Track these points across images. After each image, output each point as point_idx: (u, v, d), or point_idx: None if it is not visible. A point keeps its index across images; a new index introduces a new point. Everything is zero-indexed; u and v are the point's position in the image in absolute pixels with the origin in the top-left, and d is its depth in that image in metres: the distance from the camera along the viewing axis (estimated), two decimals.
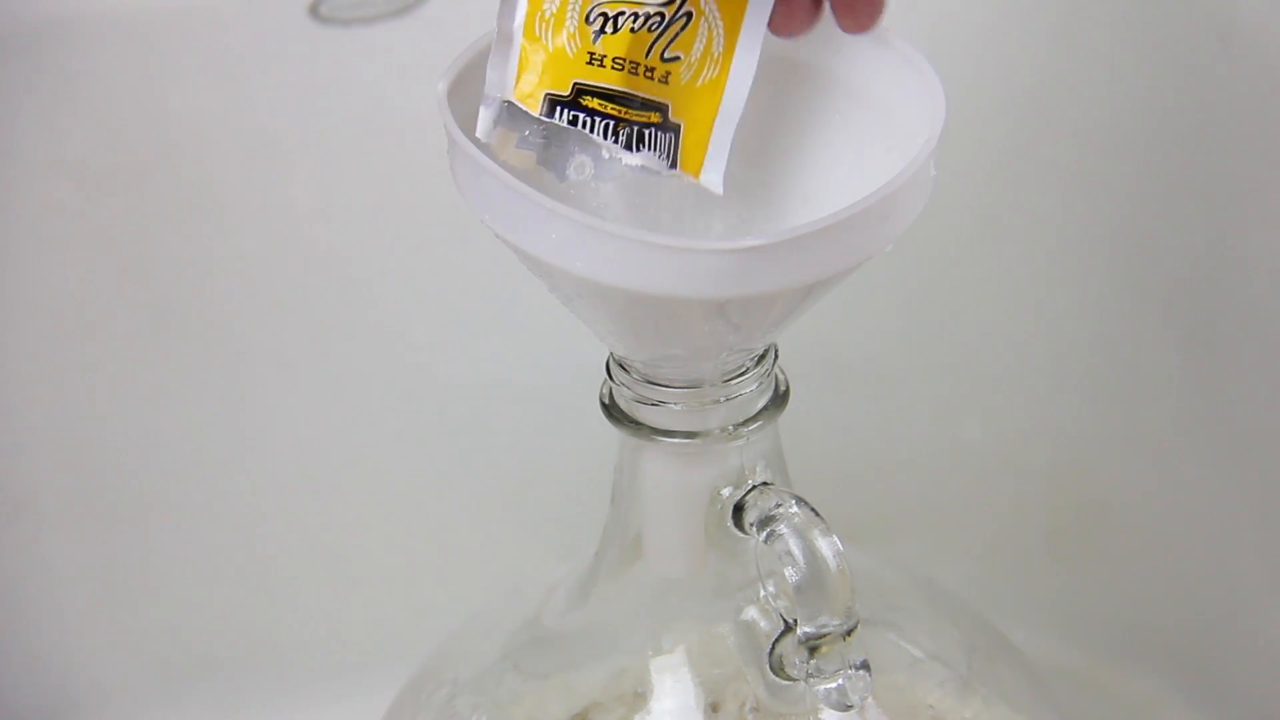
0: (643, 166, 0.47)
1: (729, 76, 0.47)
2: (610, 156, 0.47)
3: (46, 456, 0.74)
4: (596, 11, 0.46)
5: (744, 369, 0.50)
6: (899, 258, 0.71)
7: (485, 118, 0.46)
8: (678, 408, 0.50)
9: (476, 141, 0.46)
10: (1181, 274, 0.69)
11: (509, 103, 0.46)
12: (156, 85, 0.71)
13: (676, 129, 0.47)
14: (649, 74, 0.47)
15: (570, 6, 0.46)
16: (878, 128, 0.49)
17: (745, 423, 0.50)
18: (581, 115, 0.47)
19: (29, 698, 0.75)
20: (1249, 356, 0.67)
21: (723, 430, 0.50)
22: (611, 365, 0.50)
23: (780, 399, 0.51)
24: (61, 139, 0.71)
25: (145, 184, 0.72)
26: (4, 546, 0.74)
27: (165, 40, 0.71)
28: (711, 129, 0.47)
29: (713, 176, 0.47)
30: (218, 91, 0.71)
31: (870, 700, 0.53)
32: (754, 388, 0.50)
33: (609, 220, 0.47)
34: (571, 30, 0.46)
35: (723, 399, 0.50)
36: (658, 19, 0.46)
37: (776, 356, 0.51)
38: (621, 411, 0.51)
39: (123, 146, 0.71)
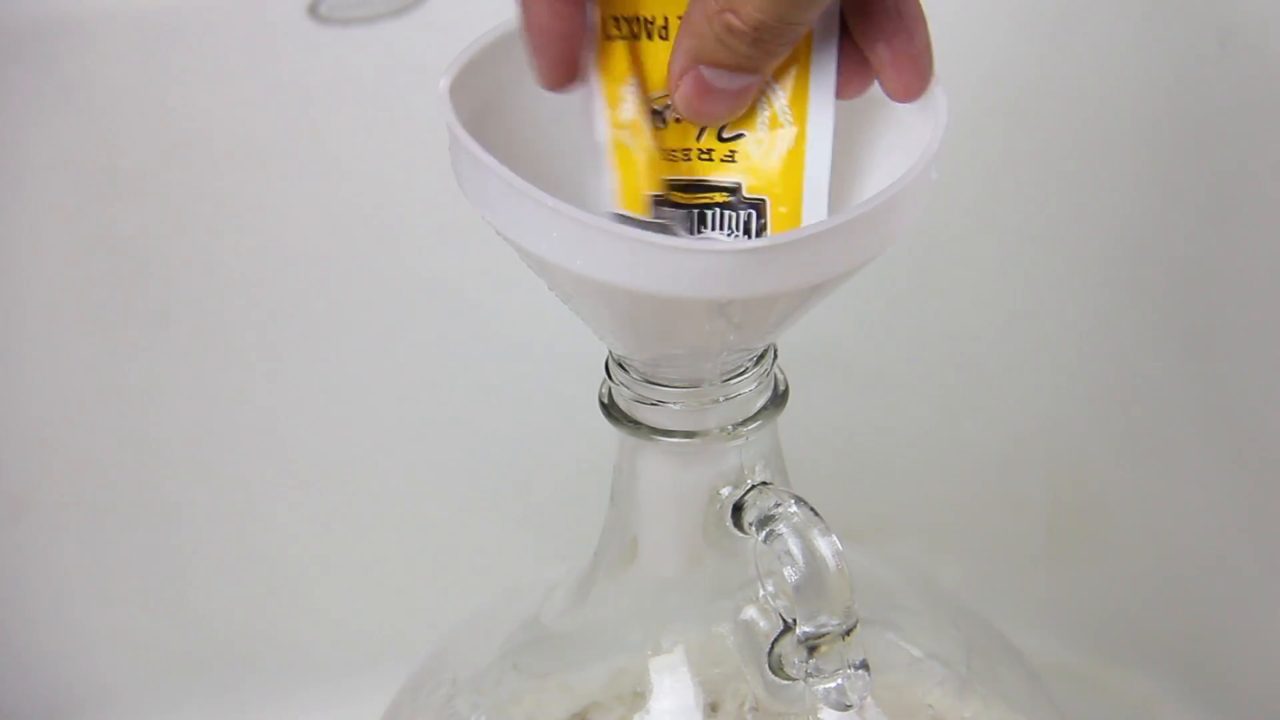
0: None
1: (807, 147, 0.47)
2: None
3: (47, 456, 0.74)
4: (653, 108, 0.47)
5: (743, 369, 0.50)
6: (899, 258, 0.71)
7: None
8: (677, 407, 0.50)
9: (478, 139, 0.46)
10: (1181, 274, 0.69)
11: (619, 214, 0.47)
12: (156, 85, 0.71)
13: (758, 205, 0.47)
14: (705, 156, 0.47)
15: (641, 111, 0.47)
16: (879, 130, 0.49)
17: (744, 422, 0.50)
18: (670, 210, 0.47)
19: (29, 697, 0.75)
20: (1249, 356, 0.67)
21: (722, 430, 0.50)
22: (610, 365, 0.50)
23: (779, 398, 0.51)
24: (61, 139, 0.71)
25: (145, 184, 0.72)
26: (5, 546, 0.74)
27: (165, 40, 0.71)
28: (802, 198, 0.47)
29: None
30: (218, 91, 0.71)
31: (869, 700, 0.53)
32: (753, 387, 0.50)
33: (611, 221, 0.47)
34: (648, 133, 0.47)
35: (722, 399, 0.50)
36: None
37: (776, 356, 0.51)
38: (620, 411, 0.51)
39: (123, 146, 0.71)
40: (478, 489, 0.76)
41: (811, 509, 0.49)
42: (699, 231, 0.48)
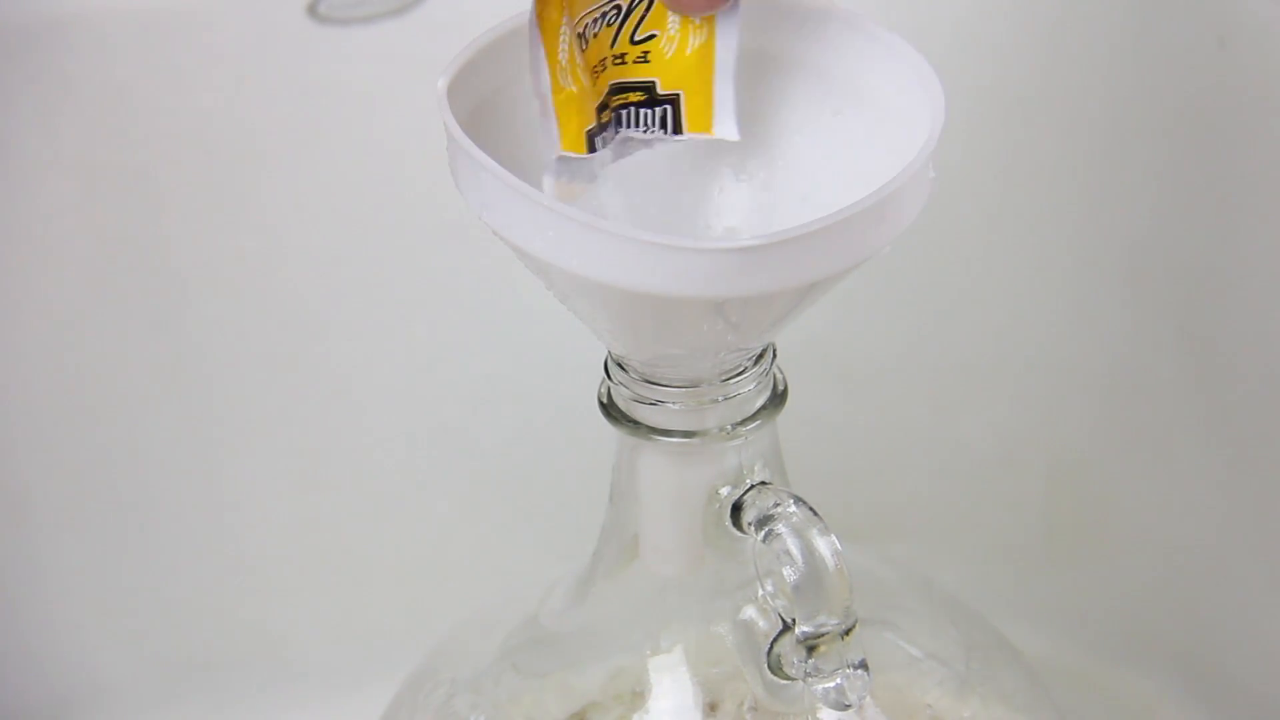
0: (650, 139, 0.47)
1: (716, 36, 0.47)
2: (625, 138, 0.48)
3: (45, 456, 0.74)
4: (578, 33, 0.47)
5: (742, 368, 0.50)
6: (898, 258, 0.71)
7: (549, 184, 0.47)
8: (676, 407, 0.50)
9: (476, 139, 0.46)
10: (1181, 274, 0.69)
11: (562, 157, 0.47)
12: (156, 85, 0.71)
13: (673, 100, 0.47)
14: (619, 61, 0.47)
15: (574, 47, 0.47)
16: (877, 128, 0.49)
17: (743, 422, 0.50)
18: (604, 133, 0.48)
19: (28, 697, 0.75)
20: (1249, 356, 0.67)
21: (721, 429, 0.50)
22: (609, 364, 0.50)
23: (778, 398, 0.51)
24: (61, 139, 0.71)
25: (145, 184, 0.72)
26: (4, 545, 0.74)
27: (165, 40, 0.71)
28: (713, 88, 0.47)
29: (726, 127, 0.48)
30: (216, 91, 0.71)
31: (868, 699, 0.53)
32: (752, 387, 0.50)
33: (608, 221, 0.47)
34: (580, 65, 0.47)
35: (721, 398, 0.50)
36: (614, 11, 0.47)
37: (774, 356, 0.51)
38: (619, 410, 0.51)
39: (123, 146, 0.71)
40: (477, 489, 0.76)
41: (810, 508, 0.49)
42: (618, 132, 0.48)
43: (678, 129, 0.48)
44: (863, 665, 0.49)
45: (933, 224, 0.70)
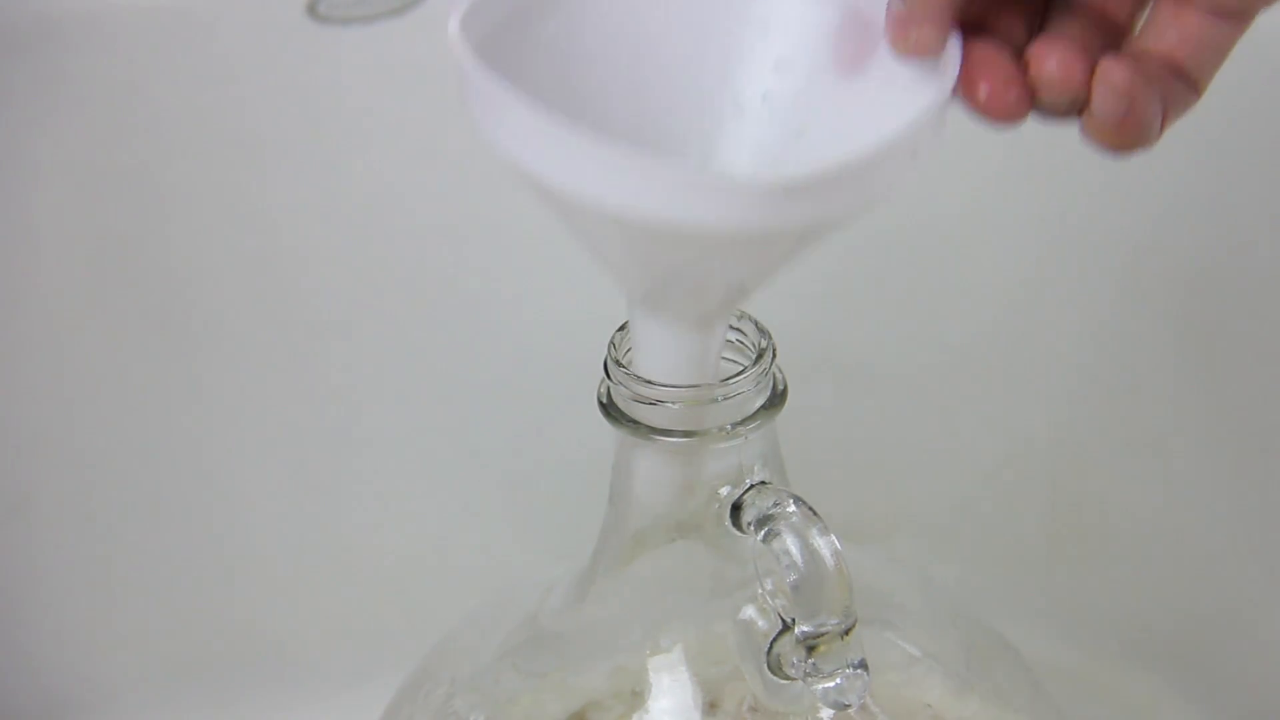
0: None
1: None
2: None
3: (45, 456, 0.74)
4: None
5: (741, 368, 0.50)
6: (899, 258, 0.71)
7: None
8: (675, 407, 0.50)
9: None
10: (1181, 274, 0.69)
11: None
12: (156, 85, 0.71)
13: None
14: None
15: None
16: (880, 90, 0.48)
17: (743, 422, 0.50)
18: None
19: (27, 697, 0.75)
20: (1249, 356, 0.67)
21: (720, 429, 0.50)
22: (609, 364, 0.50)
23: (778, 398, 0.51)
24: (61, 139, 0.71)
25: (145, 183, 0.72)
26: (5, 545, 0.74)
27: (164, 40, 0.71)
28: None
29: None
30: (216, 91, 0.71)
31: (868, 699, 0.53)
32: (751, 387, 0.50)
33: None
34: None
35: (720, 398, 0.50)
36: None
37: (774, 356, 0.51)
38: (619, 410, 0.50)
39: (122, 146, 0.71)
40: (477, 489, 0.76)
41: (810, 508, 0.49)
42: None
43: None
44: (862, 665, 0.49)
45: (933, 223, 0.70)
